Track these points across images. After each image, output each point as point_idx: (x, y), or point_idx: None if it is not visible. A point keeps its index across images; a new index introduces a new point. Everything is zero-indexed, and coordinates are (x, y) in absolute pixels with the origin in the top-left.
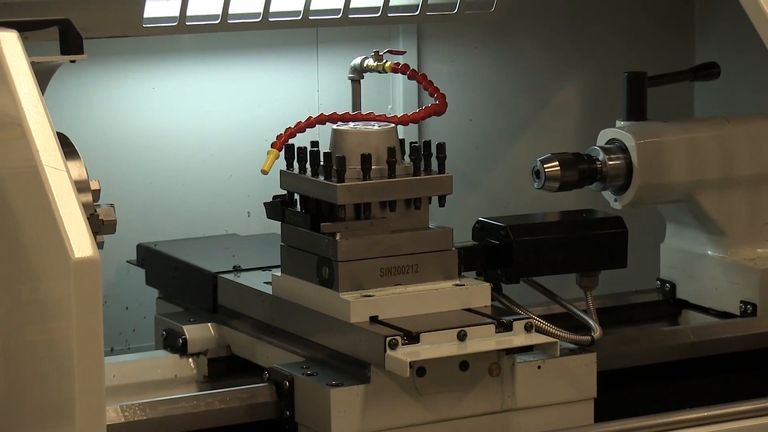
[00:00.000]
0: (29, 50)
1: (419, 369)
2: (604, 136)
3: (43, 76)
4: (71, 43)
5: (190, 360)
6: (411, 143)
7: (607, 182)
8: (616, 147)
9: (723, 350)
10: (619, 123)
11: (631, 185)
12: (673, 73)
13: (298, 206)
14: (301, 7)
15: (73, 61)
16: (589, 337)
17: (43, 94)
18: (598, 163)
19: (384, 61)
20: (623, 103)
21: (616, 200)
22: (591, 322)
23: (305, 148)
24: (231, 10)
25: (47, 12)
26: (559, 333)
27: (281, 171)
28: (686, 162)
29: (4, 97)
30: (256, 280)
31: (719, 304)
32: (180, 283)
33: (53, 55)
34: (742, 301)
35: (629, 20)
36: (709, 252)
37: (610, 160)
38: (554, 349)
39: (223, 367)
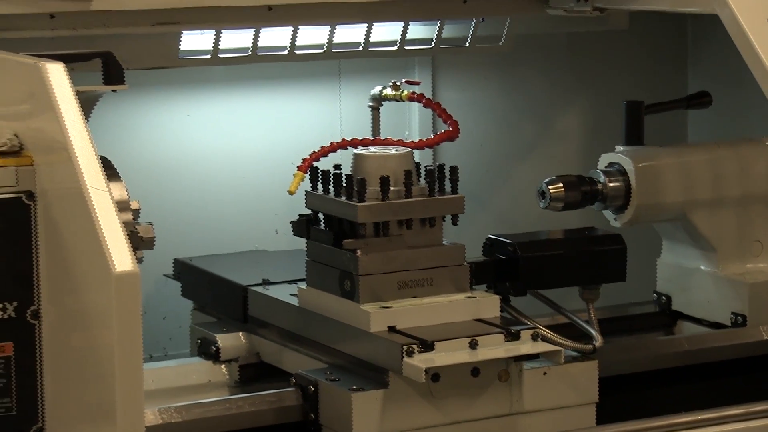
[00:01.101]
0: (75, 80)
1: (434, 375)
2: (604, 160)
3: (87, 104)
4: (113, 74)
5: (223, 366)
6: (426, 166)
7: (608, 202)
8: (616, 170)
9: (715, 358)
10: (619, 148)
11: (629, 205)
12: (668, 101)
13: (322, 224)
14: (324, 41)
15: (115, 91)
16: (591, 346)
17: (87, 120)
18: (599, 184)
19: (401, 90)
20: (622, 130)
21: (615, 219)
22: (593, 331)
23: (329, 170)
24: (260, 44)
25: (91, 45)
26: (563, 342)
27: (306, 192)
28: (680, 183)
29: (52, 124)
30: (284, 293)
31: (711, 316)
32: (213, 295)
33: (97, 85)
34: (732, 313)
35: (627, 52)
36: (702, 267)
37: (610, 182)
38: (559, 356)
39: (253, 373)
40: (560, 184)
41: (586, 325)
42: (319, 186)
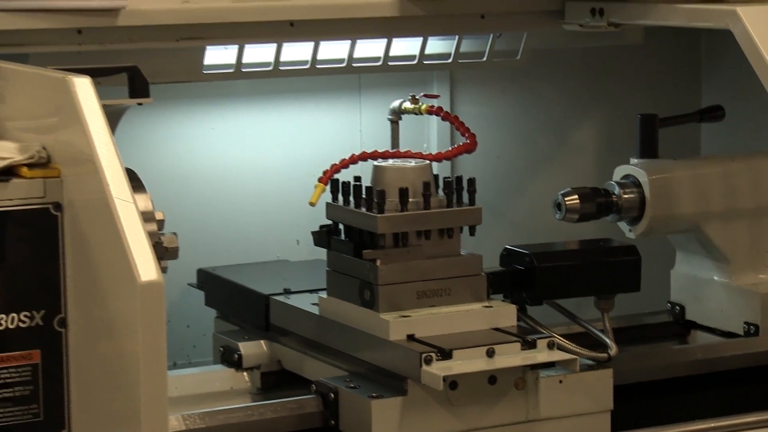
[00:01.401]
0: (101, 94)
1: (452, 382)
2: (619, 172)
3: (113, 117)
4: (138, 87)
5: (245, 374)
6: (444, 178)
7: (622, 214)
8: (630, 182)
9: (728, 367)
10: (633, 160)
11: (643, 217)
12: (682, 115)
13: (343, 235)
14: (345, 56)
15: (140, 104)
16: (605, 355)
17: (113, 133)
18: (613, 196)
19: (420, 104)
20: (637, 143)
21: (630, 230)
22: (607, 340)
23: (349, 182)
24: (282, 58)
25: (117, 60)
26: (578, 350)
27: (327, 203)
28: (694, 195)
29: (78, 136)
30: (305, 302)
31: (724, 325)
32: (236, 304)
33: (122, 99)
34: (745, 322)
35: (641, 67)
36: (715, 277)
37: (625, 194)
38: (574, 365)
39: (275, 381)
40: (576, 196)
41: (601, 334)
42: (340, 197)
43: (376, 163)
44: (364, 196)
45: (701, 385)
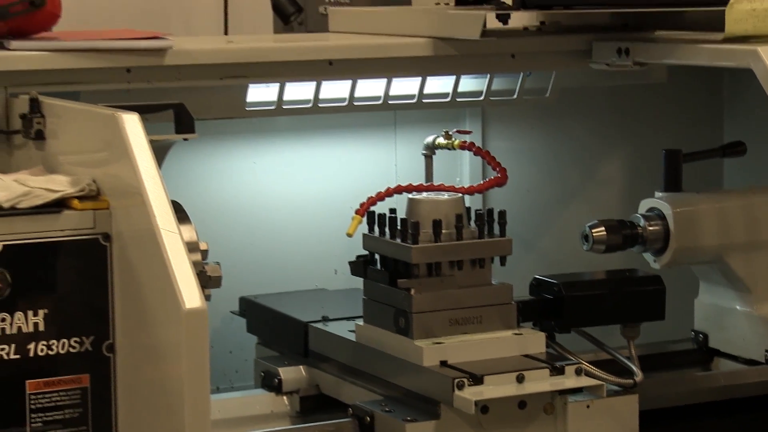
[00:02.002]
0: (148, 130)
1: (483, 407)
2: (644, 205)
3: (160, 152)
4: (184, 123)
5: (285, 398)
6: (476, 210)
7: (647, 245)
8: (655, 215)
9: (750, 393)
10: (658, 194)
11: (668, 248)
12: (705, 150)
13: (378, 265)
14: (381, 93)
15: (185, 139)
16: (631, 381)
17: (159, 167)
18: (639, 228)
19: (453, 139)
20: (661, 177)
21: (655, 261)
22: (633, 367)
23: (385, 214)
24: (321, 96)
25: (164, 97)
26: (605, 376)
27: (364, 234)
28: (716, 228)
29: (127, 170)
30: (342, 329)
31: (747, 353)
32: (276, 330)
33: (169, 134)
34: (766, 350)
35: (666, 104)
36: (737, 307)
37: (650, 226)
38: (601, 390)
39: (313, 404)
40: (602, 228)
41: (627, 361)
42: (376, 229)
43: (410, 196)
44: (399, 227)
45: (724, 411)
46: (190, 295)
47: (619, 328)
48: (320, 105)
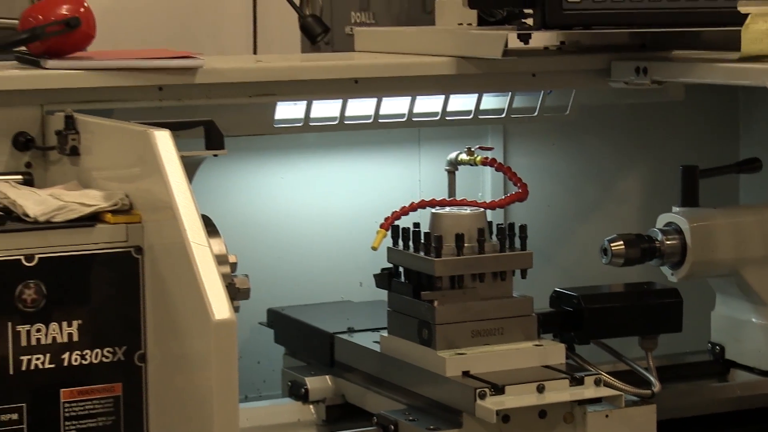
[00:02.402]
0: (179, 146)
1: (504, 416)
2: (662, 220)
3: (190, 167)
4: (214, 140)
5: (311, 407)
6: (497, 225)
7: (665, 259)
8: (673, 229)
9: (765, 404)
10: (675, 209)
11: (685, 262)
12: (721, 166)
13: (402, 277)
14: (405, 111)
15: (215, 155)
16: (649, 391)
17: (190, 182)
18: (657, 242)
19: (475, 155)
20: (678, 192)
21: (672, 274)
22: (651, 378)
23: (409, 228)
24: (347, 113)
25: (195, 114)
26: (623, 387)
27: (388, 248)
28: (732, 242)
29: (159, 185)
30: (367, 340)
31: (763, 364)
32: (303, 341)
33: (199, 150)
34: None
35: (683, 121)
36: (753, 319)
37: (668, 240)
38: (620, 400)
39: (339, 413)
40: (621, 242)
41: (645, 372)
42: (400, 242)
43: (434, 210)
44: (422, 241)
45: (740, 422)
46: (220, 307)
47: (638, 340)
48: (346, 122)
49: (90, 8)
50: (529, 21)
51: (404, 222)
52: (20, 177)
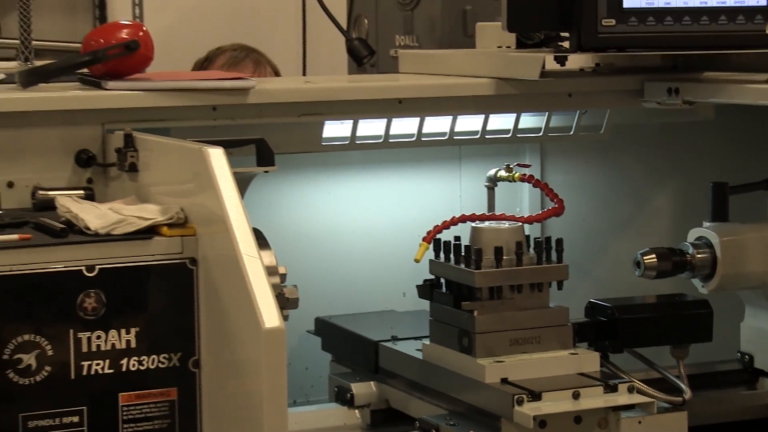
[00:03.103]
0: (232, 163)
1: (541, 422)
2: (693, 234)
3: (242, 183)
4: (265, 157)
5: (356, 411)
6: (535, 238)
7: (696, 272)
8: (703, 243)
9: None
10: (706, 224)
11: (715, 274)
12: (750, 183)
13: (444, 288)
14: (447, 129)
15: (266, 172)
16: (681, 398)
17: (242, 197)
18: (688, 256)
19: (514, 172)
20: (709, 207)
21: (703, 286)
22: (682, 385)
23: (450, 241)
24: (391, 132)
25: (247, 133)
26: (656, 394)
27: (430, 260)
28: (761, 256)
29: (212, 200)
30: (410, 348)
31: None
32: (349, 349)
33: (251, 167)
34: None
35: (713, 139)
36: None
37: (698, 253)
38: (652, 407)
39: (383, 418)
40: (654, 255)
41: (676, 379)
42: (442, 255)
43: (474, 224)
44: (463, 254)
45: None
46: (270, 316)
47: (669, 349)
48: (390, 140)
49: (148, 32)
50: (566, 44)
51: (446, 235)
52: (82, 192)
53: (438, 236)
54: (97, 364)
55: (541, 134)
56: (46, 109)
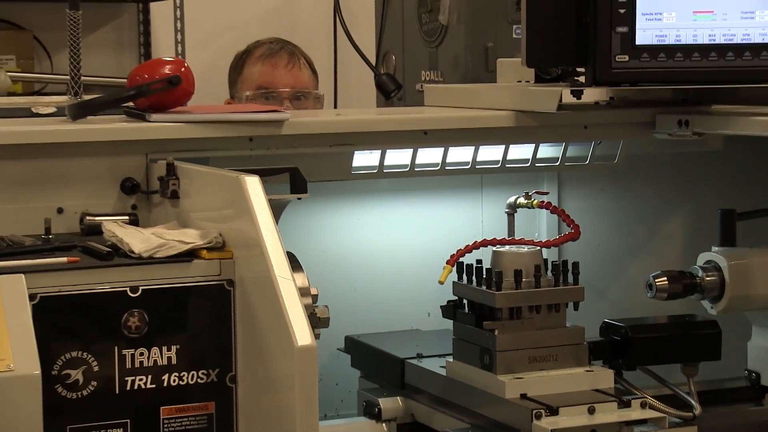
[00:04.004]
0: (267, 190)
1: None
2: (702, 258)
3: (277, 209)
4: (298, 185)
5: (384, 425)
6: (552, 262)
7: (705, 293)
8: (712, 266)
9: None
10: (714, 248)
11: (724, 296)
12: (757, 210)
13: (466, 309)
14: (469, 159)
15: (299, 198)
16: (691, 414)
17: (277, 222)
18: (697, 279)
19: (532, 199)
20: (718, 233)
21: (712, 307)
22: (692, 401)
23: (472, 264)
24: (417, 161)
25: (281, 162)
26: (667, 410)
27: (453, 282)
28: (767, 279)
29: (248, 225)
30: (434, 365)
31: None
32: (377, 365)
33: (285, 194)
34: None
35: (721, 169)
36: None
37: (708, 276)
38: (663, 422)
39: (408, 431)
40: (665, 278)
41: (687, 396)
42: (464, 277)
43: (495, 248)
44: (484, 276)
45: None
46: (302, 334)
47: (680, 367)
48: (416, 169)
49: (190, 68)
50: (581, 78)
51: (468, 259)
52: (127, 218)
53: (461, 259)
54: (140, 380)
55: (558, 164)
56: (94, 140)
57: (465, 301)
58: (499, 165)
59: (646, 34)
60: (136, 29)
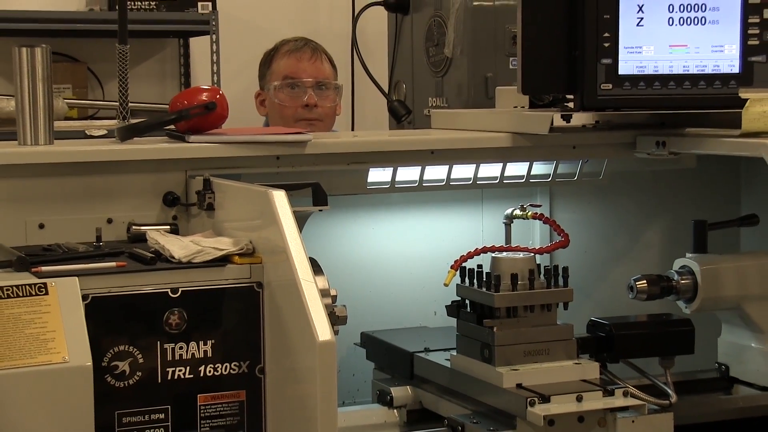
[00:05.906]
0: (292, 203)
1: (550, 421)
2: (677, 264)
3: (301, 220)
4: (320, 198)
5: (395, 411)
6: (545, 267)
7: (680, 295)
8: (686, 271)
9: (765, 413)
10: (688, 255)
11: (696, 297)
12: (726, 221)
13: (468, 308)
14: (471, 175)
15: (320, 210)
16: (668, 402)
17: (300, 232)
18: (673, 281)
19: (527, 211)
20: (691, 241)
21: (686, 307)
22: (669, 390)
23: (473, 269)
24: (425, 177)
25: (304, 177)
26: (646, 398)
27: (457, 284)
28: (736, 282)
29: (275, 234)
30: (440, 358)
31: (761, 381)
32: (389, 358)
33: (308, 207)
34: None
35: (695, 183)
36: (753, 344)
37: (682, 280)
38: (643, 409)
39: (417, 417)
40: (644, 281)
41: (663, 385)
42: (467, 280)
43: (493, 255)
44: (484, 279)
45: (743, 429)
46: (323, 330)
47: (658, 360)
48: (424, 184)
49: (224, 95)
50: (571, 104)
51: (470, 264)
52: (168, 227)
53: (464, 264)
54: (180, 371)
55: (549, 180)
56: (140, 158)
57: (467, 302)
58: (497, 181)
59: (627, 65)
60: (177, 61)
